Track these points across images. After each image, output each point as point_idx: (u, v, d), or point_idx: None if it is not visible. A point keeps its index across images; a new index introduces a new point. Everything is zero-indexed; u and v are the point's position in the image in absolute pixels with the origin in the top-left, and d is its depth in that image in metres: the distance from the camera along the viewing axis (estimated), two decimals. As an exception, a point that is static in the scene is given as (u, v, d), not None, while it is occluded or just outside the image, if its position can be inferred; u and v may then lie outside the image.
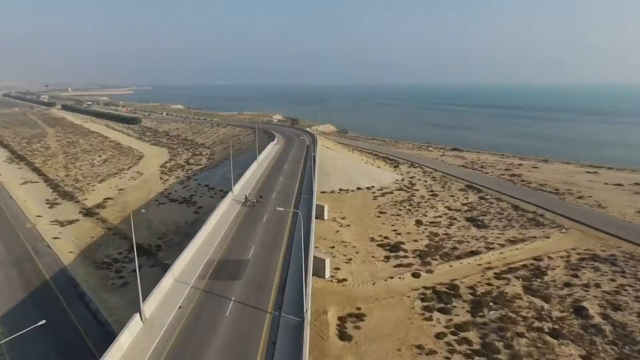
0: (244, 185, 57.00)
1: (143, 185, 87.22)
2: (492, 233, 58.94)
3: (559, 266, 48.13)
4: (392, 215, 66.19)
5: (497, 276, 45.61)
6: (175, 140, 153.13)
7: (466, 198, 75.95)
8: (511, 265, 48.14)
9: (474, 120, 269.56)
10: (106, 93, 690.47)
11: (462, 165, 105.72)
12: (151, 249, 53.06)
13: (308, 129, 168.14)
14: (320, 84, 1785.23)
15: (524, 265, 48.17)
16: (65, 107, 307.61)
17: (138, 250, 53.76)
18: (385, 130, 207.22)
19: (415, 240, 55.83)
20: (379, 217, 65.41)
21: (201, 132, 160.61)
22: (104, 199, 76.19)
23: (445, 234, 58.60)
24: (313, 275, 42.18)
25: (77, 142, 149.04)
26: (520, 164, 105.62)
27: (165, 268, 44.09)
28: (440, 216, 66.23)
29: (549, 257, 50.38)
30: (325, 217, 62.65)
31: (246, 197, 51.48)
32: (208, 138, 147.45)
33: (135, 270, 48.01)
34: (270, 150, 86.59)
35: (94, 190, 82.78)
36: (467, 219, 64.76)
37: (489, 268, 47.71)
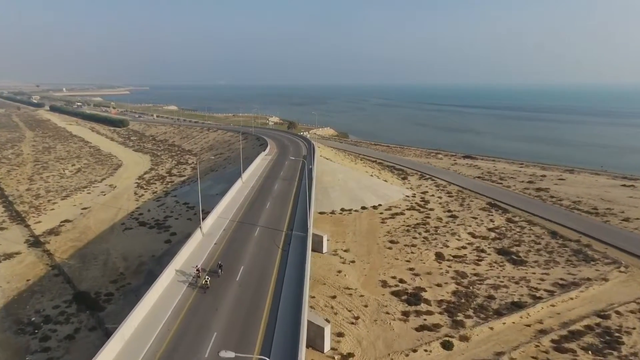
0: (221, 214, 44.82)
1: (113, 202, 75.14)
2: (534, 272, 47.00)
3: (634, 328, 36.20)
4: (405, 245, 54.18)
5: (557, 345, 33.72)
6: (161, 145, 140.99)
7: (491, 221, 63.99)
8: (571, 327, 36.19)
9: (479, 122, 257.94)
10: (101, 93, 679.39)
11: (479, 177, 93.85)
12: (99, 300, 40.97)
13: (306, 133, 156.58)
14: (319, 84, 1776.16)
15: (588, 327, 36.25)
16: (53, 109, 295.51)
17: (81, 301, 42.14)
18: (388, 133, 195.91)
19: (439, 285, 43.85)
20: (389, 248, 53.39)
21: (190, 136, 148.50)
22: (61, 222, 64.13)
23: (474, 274, 46.64)
24: (308, 346, 30.46)
25: (54, 147, 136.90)
26: (544, 175, 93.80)
27: (108, 334, 32.29)
28: (464, 247, 54.25)
29: (617, 313, 38.48)
30: (324, 249, 50.77)
31: (198, 270, 31.57)
32: (196, 144, 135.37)
33: (69, 336, 36.38)
34: (260, 163, 74.48)
35: (52, 209, 70.68)
36: (498, 251, 52.78)
37: (542, 331, 35.77)
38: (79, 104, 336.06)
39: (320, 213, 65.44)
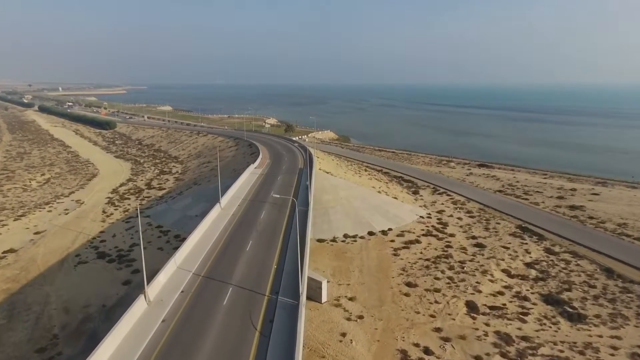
0: (183, 263, 32.83)
1: (75, 223, 63.74)
2: (600, 335, 35.61)
3: None
4: (426, 290, 42.77)
5: None
6: (147, 150, 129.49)
7: (527, 252, 52.57)
8: None
9: (486, 124, 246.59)
10: (98, 93, 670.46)
11: (500, 191, 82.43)
12: (10, 385, 29.58)
13: (305, 137, 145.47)
14: (319, 83, 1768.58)
15: None
16: (42, 109, 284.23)
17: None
18: (391, 136, 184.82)
19: (478, 359, 32.43)
20: (407, 294, 41.98)
21: (178, 141, 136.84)
22: (3, 252, 52.78)
23: (522, 337, 35.21)
24: None
25: (30, 153, 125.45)
26: (574, 189, 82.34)
27: None
28: (500, 292, 42.83)
29: None
30: (324, 298, 39.48)
31: None
32: (184, 149, 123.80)
33: None
34: (247, 179, 62.88)
35: (0, 234, 59.28)
36: (546, 299, 41.37)
37: None
38: (69, 104, 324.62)
39: (319, 241, 54.15)
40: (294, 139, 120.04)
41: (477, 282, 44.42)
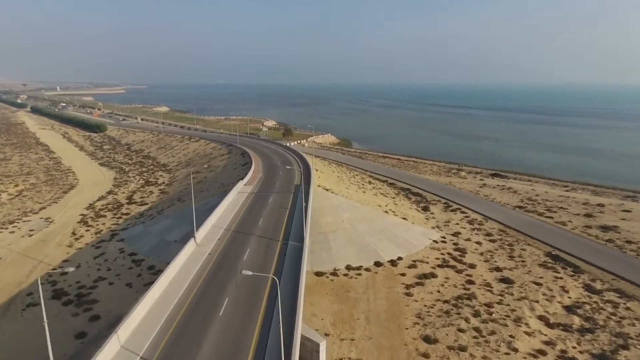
0: (129, 342, 23.74)
1: (37, 248, 55.61)
2: (681, 422, 27.31)
3: None
4: (449, 348, 34.47)
5: None
6: (134, 157, 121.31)
7: (564, 290, 44.29)
8: None
9: (492, 127, 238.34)
10: (96, 92, 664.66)
11: (519, 206, 74.12)
12: None
13: (304, 142, 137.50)
14: (319, 83, 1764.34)
15: None
16: (34, 110, 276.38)
17: None
18: (394, 140, 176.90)
19: None
20: (425, 355, 33.70)
21: (168, 147, 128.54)
22: (-57, 289, 44.55)
23: None
24: None
25: (10, 159, 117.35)
26: (601, 204, 74.07)
27: None
28: (541, 351, 34.51)
29: None
30: (322, 363, 31.17)
31: None
32: (174, 156, 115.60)
33: None
34: (234, 201, 54.36)
35: (-55, 263, 51.07)
36: (599, 362, 33.10)
37: None
38: (63, 104, 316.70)
39: (317, 274, 45.97)
40: (290, 144, 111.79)
41: (510, 336, 36.09)
